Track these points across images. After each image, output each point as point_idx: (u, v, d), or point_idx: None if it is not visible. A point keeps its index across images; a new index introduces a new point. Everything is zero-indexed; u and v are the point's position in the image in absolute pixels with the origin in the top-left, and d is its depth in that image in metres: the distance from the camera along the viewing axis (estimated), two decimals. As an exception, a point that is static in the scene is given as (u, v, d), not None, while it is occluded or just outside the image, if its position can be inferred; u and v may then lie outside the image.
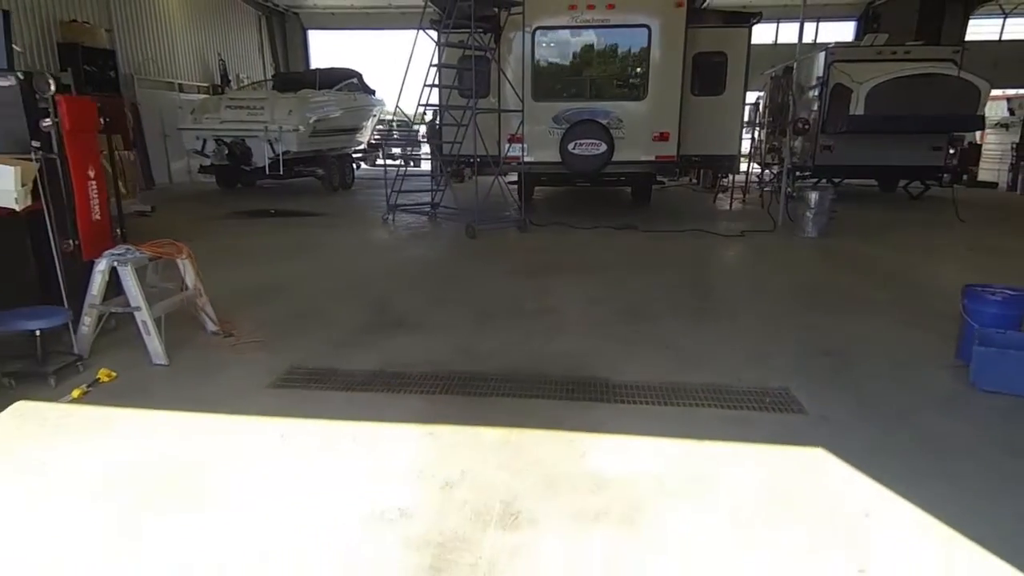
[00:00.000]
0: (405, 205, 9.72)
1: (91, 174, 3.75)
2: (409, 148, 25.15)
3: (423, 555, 2.04)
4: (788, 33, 19.57)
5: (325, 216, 10.17)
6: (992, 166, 15.31)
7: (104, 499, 2.34)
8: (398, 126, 25.08)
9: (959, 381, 3.53)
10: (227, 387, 3.40)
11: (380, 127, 19.83)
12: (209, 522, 2.22)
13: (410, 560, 2.02)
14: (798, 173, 12.52)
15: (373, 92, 16.57)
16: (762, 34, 19.24)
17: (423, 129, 22.48)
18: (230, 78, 16.79)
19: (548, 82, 9.12)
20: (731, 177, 11.46)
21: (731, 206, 11.06)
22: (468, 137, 8.27)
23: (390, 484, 2.46)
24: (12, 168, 3.14)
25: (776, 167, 12.98)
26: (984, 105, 10.97)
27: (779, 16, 18.70)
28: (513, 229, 8.51)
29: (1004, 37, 18.62)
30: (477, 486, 2.44)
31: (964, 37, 17.57)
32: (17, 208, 3.25)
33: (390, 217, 9.44)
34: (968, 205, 10.58)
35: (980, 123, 11.37)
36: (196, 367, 3.69)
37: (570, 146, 8.80)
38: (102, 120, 3.97)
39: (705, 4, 16.93)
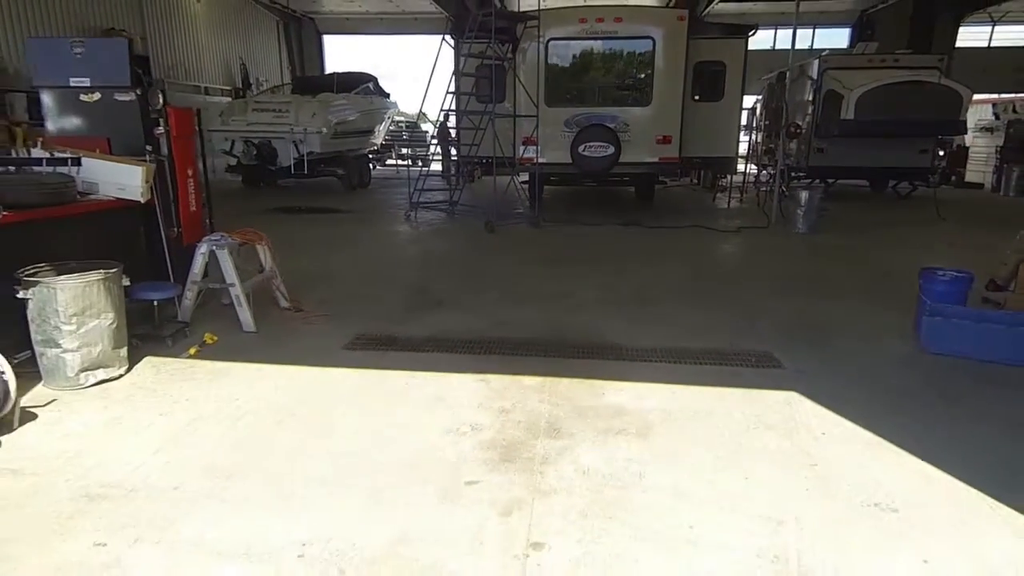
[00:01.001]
0: (426, 203, 10.47)
1: (190, 172, 4.50)
2: (417, 148, 25.93)
3: (494, 452, 2.78)
4: (785, 39, 20.29)
5: (351, 213, 10.91)
6: (979, 168, 16.04)
7: (242, 422, 3.08)
8: (407, 127, 25.85)
9: (912, 346, 4.27)
10: (309, 348, 4.13)
11: (392, 128, 20.59)
12: (328, 436, 2.96)
13: (485, 455, 2.76)
14: (793, 174, 13.27)
15: (388, 95, 17.34)
16: (760, 39, 19.98)
17: (432, 129, 23.21)
18: (251, 81, 17.56)
19: (560, 89, 9.87)
20: (729, 177, 12.19)
21: (729, 204, 11.80)
22: (483, 139, 9.01)
23: (459, 411, 3.20)
24: (141, 168, 3.88)
25: (772, 168, 13.72)
26: (966, 110, 11.69)
27: (776, 22, 19.43)
28: (526, 225, 9.26)
29: (993, 44, 19.36)
30: (526, 412, 3.18)
31: (955, 44, 18.34)
32: (142, 201, 3.99)
33: (413, 214, 10.18)
34: (954, 205, 11.32)
35: (962, 128, 12.10)
36: (278, 334, 4.43)
37: (580, 148, 9.55)
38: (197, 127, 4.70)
39: (707, 11, 17.74)
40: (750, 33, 10.09)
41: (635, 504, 2.43)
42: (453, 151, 17.01)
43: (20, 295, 3.18)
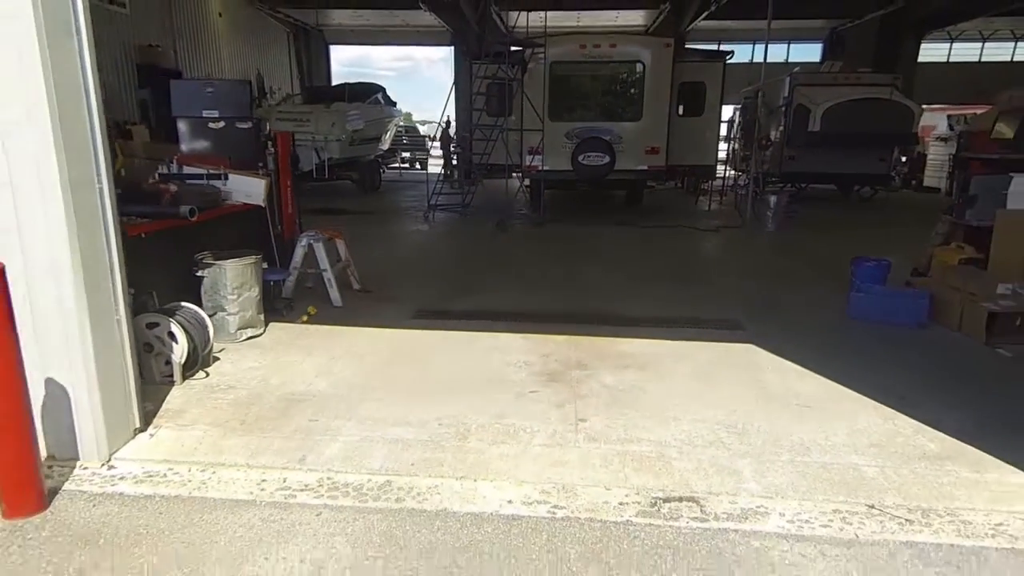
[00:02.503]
0: (441, 205, 11.77)
1: (288, 183, 5.76)
2: (416, 152, 27.17)
3: (543, 377, 4.10)
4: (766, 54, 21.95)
5: (373, 213, 12.18)
6: (935, 174, 17.65)
7: (364, 360, 4.37)
8: (406, 131, 27.07)
9: (842, 315, 5.66)
10: (387, 317, 5.42)
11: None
12: (426, 368, 4.27)
13: (538, 379, 4.08)
14: (768, 179, 14.74)
15: (395, 104, 18.59)
16: (741, 53, 21.49)
17: (434, 132, 24.27)
18: (266, 91, 18.71)
19: (562, 105, 11.22)
20: (710, 182, 13.63)
21: (709, 207, 13.23)
22: (487, 147, 10.33)
23: (512, 355, 4.51)
24: (263, 180, 5.16)
25: (746, 175, 15.19)
26: (918, 124, 13.21)
27: (754, 38, 20.99)
28: (530, 225, 10.59)
29: (951, 59, 21.05)
30: (559, 356, 4.51)
31: (917, 59, 20.00)
32: (263, 205, 5.26)
33: (430, 215, 11.47)
34: (912, 207, 12.81)
35: (913, 140, 13.63)
36: (358, 308, 5.70)
37: (580, 157, 10.91)
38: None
39: (691, 27, 19.21)
40: (727, 58, 11.51)
41: (639, 402, 3.76)
42: (455, 155, 18.31)
43: (198, 274, 4.45)
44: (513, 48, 10.57)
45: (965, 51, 20.60)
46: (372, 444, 3.19)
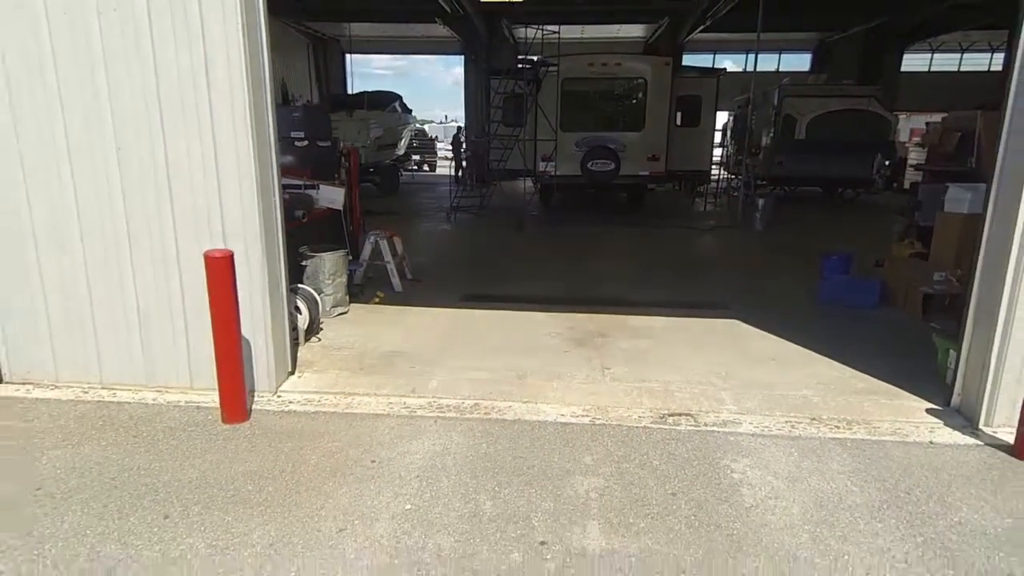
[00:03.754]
0: (462, 206, 13.01)
1: (357, 191, 6.99)
2: (426, 154, 28.36)
3: (572, 342, 5.34)
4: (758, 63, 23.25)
5: (399, 215, 13.38)
6: (915, 177, 18.89)
7: (433, 330, 5.60)
8: (416, 134, 28.28)
9: (812, 299, 6.89)
10: (440, 300, 6.63)
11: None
12: (483, 335, 5.50)
13: (568, 344, 5.31)
14: (758, 182, 15.98)
15: (410, 111, 19.82)
16: (736, 61, 22.77)
17: (438, 134, 25.38)
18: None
19: (572, 117, 12.46)
20: (705, 186, 14.88)
21: (704, 208, 14.48)
22: (504, 154, 11.56)
23: (545, 327, 5.74)
24: (343, 189, 6.39)
25: (740, 177, 16.45)
26: (894, 132, 14.47)
27: (748, 48, 22.21)
28: (544, 224, 11.82)
29: (933, 69, 22.35)
30: (583, 329, 5.74)
31: (899, 69, 21.28)
32: (341, 209, 6.48)
33: (453, 215, 12.70)
34: (890, 207, 14.00)
35: (889, 147, 14.89)
36: (415, 293, 6.92)
37: (588, 164, 12.15)
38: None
39: (688, 37, 20.45)
40: (720, 75, 12.76)
41: (648, 358, 5.00)
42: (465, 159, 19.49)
43: (303, 263, 5.67)
44: (528, 65, 11.81)
45: (946, 61, 21.89)
46: (459, 382, 4.42)
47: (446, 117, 42.88)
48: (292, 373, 4.47)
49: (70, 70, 3.77)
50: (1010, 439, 3.65)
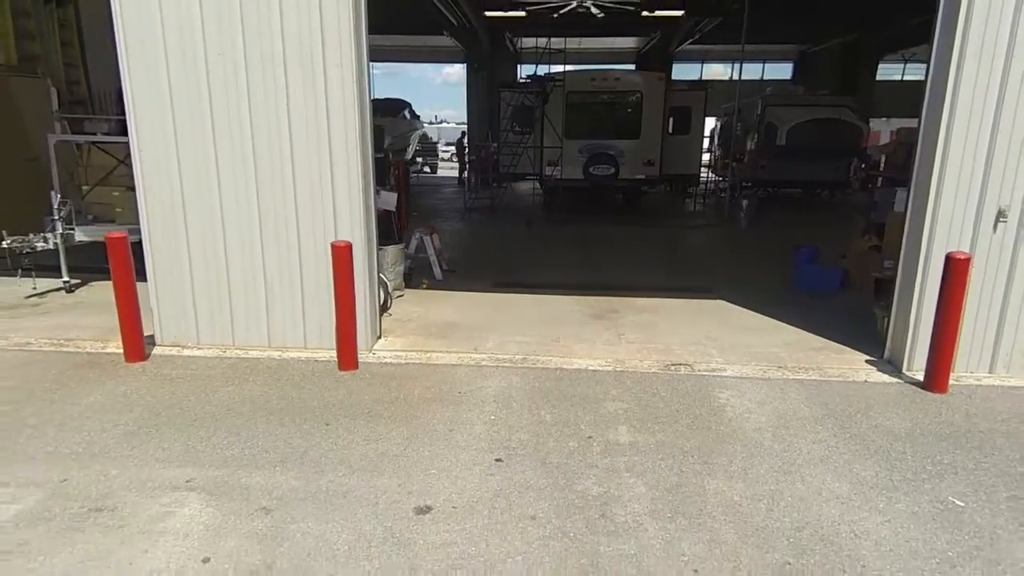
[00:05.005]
0: (474, 208, 14.28)
1: (404, 195, 8.24)
2: (428, 157, 29.58)
3: (591, 316, 6.63)
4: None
5: (417, 215, 14.60)
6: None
7: (479, 307, 6.86)
8: (420, 139, 29.40)
9: (787, 284, 8.23)
10: (476, 286, 7.90)
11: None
12: (520, 312, 6.77)
13: (587, 317, 6.60)
14: (743, 184, 17.37)
15: (418, 117, 21.07)
16: (722, 71, 24.18)
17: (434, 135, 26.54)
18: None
19: (576, 126, 13.77)
20: (695, 188, 16.25)
21: (694, 208, 15.84)
22: (513, 160, 12.88)
23: (565, 306, 7.03)
24: (395, 194, 7.63)
25: (726, 180, 17.84)
26: (865, 139, 15.91)
27: (734, 58, 23.63)
28: (551, 222, 13.11)
29: (905, 78, 23.89)
30: (598, 307, 7.03)
31: (875, 78, 22.78)
32: (394, 210, 7.72)
33: (467, 215, 13.97)
34: (862, 207, 15.44)
35: (860, 153, 16.32)
36: (453, 281, 8.17)
37: (591, 168, 13.47)
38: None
39: (678, 48, 21.83)
40: (708, 89, 14.14)
41: (653, 327, 6.30)
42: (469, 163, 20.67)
43: (368, 254, 6.91)
44: (535, 78, 13.13)
45: (917, 71, 23.42)
46: (507, 343, 5.70)
47: (436, 117, 44.06)
48: (380, 337, 5.73)
49: (260, 104, 5.02)
50: (921, 378, 4.98)
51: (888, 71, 23.16)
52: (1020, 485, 3.62)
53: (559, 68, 13.68)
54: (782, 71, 24.20)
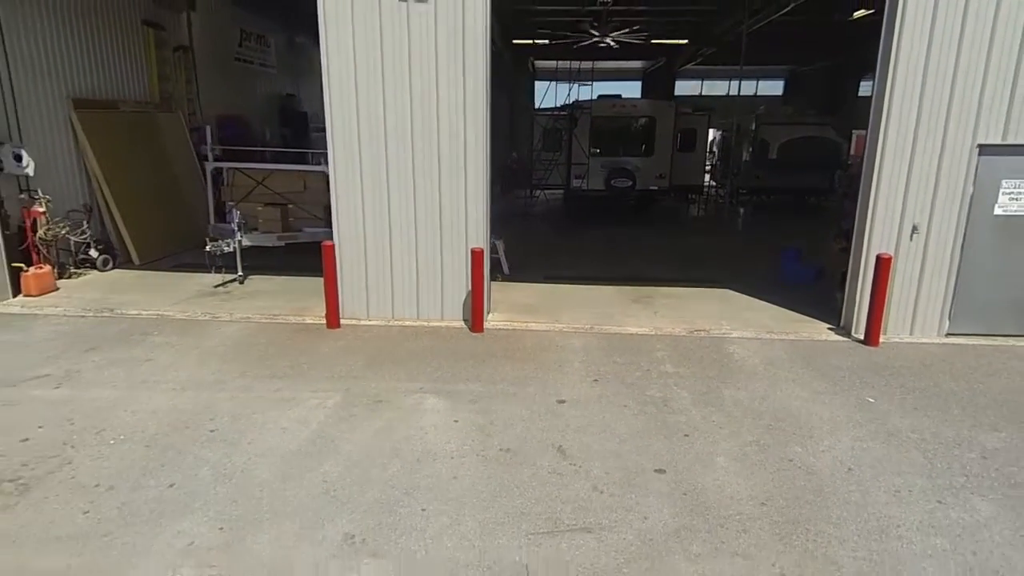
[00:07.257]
0: (507, 214, 16.70)
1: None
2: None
3: (630, 301, 9.06)
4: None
5: (461, 220, 17.03)
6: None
7: (542, 294, 9.27)
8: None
9: (775, 278, 10.67)
10: (531, 279, 10.27)
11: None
12: (570, 299, 9.19)
13: (628, 301, 9.03)
14: (740, 192, 19.82)
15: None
16: (721, 87, 26.58)
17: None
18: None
19: (599, 145, 16.19)
20: (699, 196, 18.70)
21: (698, 213, 18.29)
22: (546, 173, 15.31)
23: (609, 294, 9.44)
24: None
25: (725, 189, 20.31)
26: (846, 154, 18.36)
27: (731, 76, 26.10)
28: (576, 227, 15.53)
29: (885, 94, 26.35)
30: (633, 294, 9.45)
31: (858, 94, 25.25)
32: (475, 220, 10.13)
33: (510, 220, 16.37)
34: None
35: (842, 165, 18.78)
36: (516, 275, 10.57)
37: (612, 181, 15.90)
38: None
39: (682, 67, 24.26)
40: (710, 114, 16.60)
41: (679, 308, 8.73)
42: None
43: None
44: (567, 107, 15.57)
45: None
46: (578, 318, 8.12)
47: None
48: (489, 312, 8.14)
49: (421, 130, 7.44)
50: (863, 337, 7.43)
51: (870, 88, 25.64)
52: (910, 392, 6.07)
53: (575, 87, 16.11)
54: (774, 87, 26.67)
